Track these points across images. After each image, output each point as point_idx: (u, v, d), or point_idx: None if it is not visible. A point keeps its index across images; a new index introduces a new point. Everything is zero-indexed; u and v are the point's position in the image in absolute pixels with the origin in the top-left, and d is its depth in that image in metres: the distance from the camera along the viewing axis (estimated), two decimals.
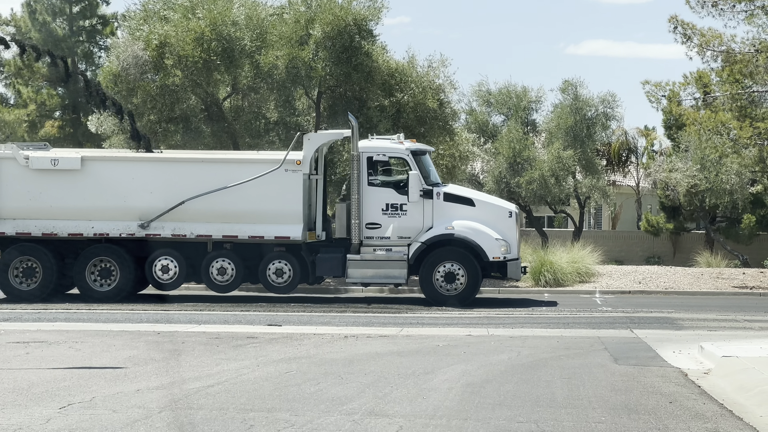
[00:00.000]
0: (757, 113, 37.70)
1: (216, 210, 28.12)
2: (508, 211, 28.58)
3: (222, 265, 28.43)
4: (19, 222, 28.52)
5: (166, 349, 18.67)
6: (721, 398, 13.97)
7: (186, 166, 28.65)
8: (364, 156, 28.17)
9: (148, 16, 35.29)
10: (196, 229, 28.28)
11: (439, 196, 28.17)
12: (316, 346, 19.18)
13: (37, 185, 28.44)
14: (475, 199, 28.72)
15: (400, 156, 28.31)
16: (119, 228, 28.39)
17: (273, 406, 13.12)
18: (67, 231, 28.47)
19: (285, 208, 28.02)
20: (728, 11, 35.43)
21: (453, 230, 27.98)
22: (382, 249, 28.07)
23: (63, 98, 52.08)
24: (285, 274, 28.39)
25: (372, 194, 28.14)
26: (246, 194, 28.01)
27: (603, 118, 48.56)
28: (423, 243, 27.95)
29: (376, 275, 28.16)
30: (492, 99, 49.92)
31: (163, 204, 28.19)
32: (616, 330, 22.14)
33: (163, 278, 28.56)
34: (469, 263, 27.96)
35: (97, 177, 28.46)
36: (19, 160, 28.42)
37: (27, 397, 13.59)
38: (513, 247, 28.16)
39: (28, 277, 28.69)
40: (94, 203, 28.34)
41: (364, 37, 34.19)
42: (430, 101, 35.03)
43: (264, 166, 28.14)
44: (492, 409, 13.04)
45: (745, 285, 34.50)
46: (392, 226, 28.06)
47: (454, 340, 20.16)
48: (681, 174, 47.80)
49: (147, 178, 28.48)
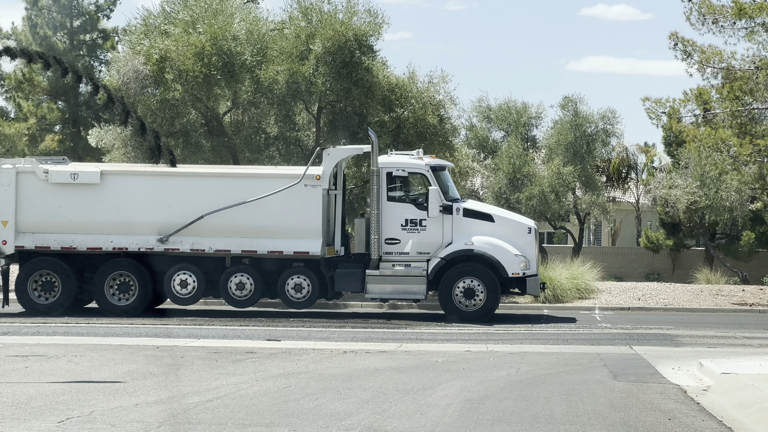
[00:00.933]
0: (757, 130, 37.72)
1: (235, 225, 28.10)
2: (527, 227, 28.58)
3: (241, 280, 28.38)
4: (38, 236, 28.49)
5: (165, 363, 18.66)
6: (720, 415, 13.96)
7: (205, 181, 28.67)
8: (383, 171, 28.14)
9: (148, 30, 35.34)
10: (215, 243, 28.25)
11: (459, 212, 28.14)
12: (315, 361, 19.18)
13: (56, 199, 28.43)
14: (495, 215, 28.72)
15: (420, 171, 28.30)
16: (138, 242, 28.36)
17: (272, 422, 13.11)
18: (86, 245, 28.44)
19: (304, 223, 27.98)
20: (728, 28, 35.48)
21: (473, 246, 27.93)
22: (401, 264, 28.00)
23: (63, 112, 52.11)
24: (304, 289, 28.32)
25: (391, 209, 28.10)
26: (265, 209, 27.98)
27: (603, 134, 48.60)
28: (442, 258, 27.90)
29: (395, 291, 28.09)
30: (492, 115, 49.96)
31: (182, 218, 28.16)
32: (616, 346, 22.13)
33: (181, 293, 28.50)
34: (488, 279, 27.92)
35: (116, 191, 28.47)
36: (39, 174, 28.43)
37: (26, 411, 13.57)
38: (532, 263, 28.14)
39: (47, 291, 28.65)
40: (113, 217, 28.32)
41: (365, 53, 34.24)
42: (431, 117, 35.05)
43: (283, 180, 28.14)
44: (491, 426, 13.03)
45: (744, 302, 34.49)
46: (411, 242, 28.01)
47: (453, 356, 20.15)
48: (681, 191, 47.82)
49: (166, 192, 28.47)
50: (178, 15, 35.23)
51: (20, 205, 28.47)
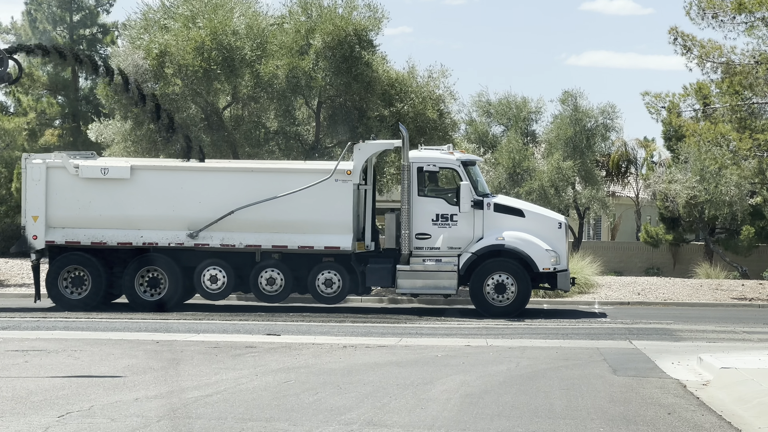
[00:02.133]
0: (757, 125, 37.70)
1: (265, 220, 28.09)
2: (557, 222, 28.60)
3: (271, 276, 28.40)
4: (68, 231, 28.53)
5: (165, 358, 18.67)
6: (720, 410, 13.97)
7: (235, 176, 28.64)
8: (414, 166, 28.15)
9: (148, 25, 35.33)
10: (245, 239, 28.24)
11: (489, 207, 28.17)
12: (315, 355, 19.18)
13: (86, 194, 28.45)
14: (525, 210, 28.71)
15: (451, 167, 28.32)
16: (168, 237, 28.35)
17: (271, 416, 13.12)
18: (116, 240, 28.43)
19: (335, 219, 28.00)
20: (728, 23, 35.46)
21: (503, 241, 27.96)
22: (432, 260, 28.01)
23: (63, 107, 52.10)
24: (334, 284, 28.34)
25: (422, 205, 28.13)
26: (296, 204, 27.99)
27: (603, 129, 48.59)
28: (473, 254, 27.91)
29: (426, 286, 28.09)
30: (492, 109, 49.96)
31: (212, 213, 28.16)
32: (615, 341, 22.14)
33: (211, 288, 28.52)
34: (519, 274, 27.95)
35: (146, 186, 28.48)
36: (69, 169, 28.44)
37: (26, 406, 13.58)
38: (562, 258, 28.19)
39: (77, 286, 28.67)
40: (143, 212, 28.33)
41: (365, 47, 34.23)
42: (430, 111, 35.03)
43: (314, 176, 28.13)
44: (490, 420, 13.03)
45: (744, 296, 34.50)
46: (442, 237, 28.03)
47: (453, 351, 20.16)
48: (680, 185, 47.77)
49: (196, 187, 28.47)
50: (178, 9, 35.21)
51: (50, 200, 28.50)
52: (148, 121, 33.33)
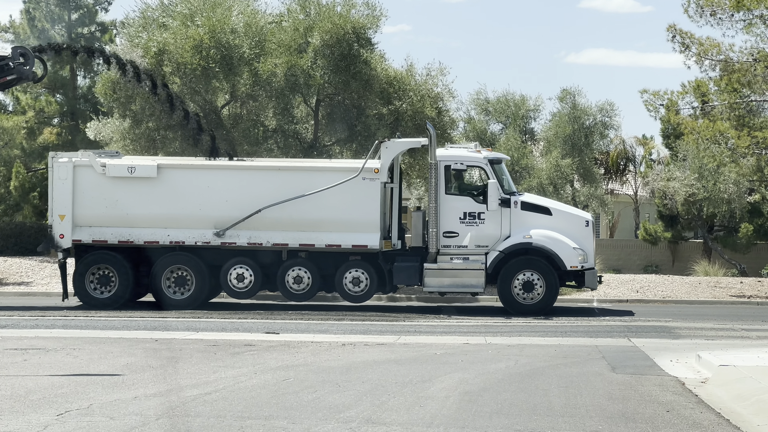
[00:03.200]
0: (755, 122, 37.74)
1: (292, 218, 28.08)
2: (585, 220, 28.63)
3: (298, 274, 28.38)
4: (95, 229, 28.52)
5: (164, 356, 18.67)
6: (719, 407, 13.97)
7: (262, 174, 28.61)
8: (441, 165, 28.15)
9: (147, 23, 35.32)
10: (273, 237, 28.23)
11: (517, 205, 28.18)
12: (314, 353, 19.19)
13: (113, 193, 28.44)
14: (552, 208, 28.73)
15: (479, 165, 28.34)
16: (195, 236, 28.36)
17: (270, 414, 13.12)
18: (143, 239, 28.44)
19: (362, 217, 27.99)
20: (726, 20, 35.49)
21: (531, 239, 27.99)
22: (459, 258, 28.03)
23: (61, 105, 52.02)
24: (362, 283, 28.36)
25: (449, 203, 28.13)
26: (323, 202, 27.99)
27: (601, 126, 48.59)
28: (501, 252, 27.94)
29: (453, 284, 28.09)
30: (490, 107, 49.95)
31: (239, 212, 28.16)
32: (614, 339, 22.15)
33: (238, 287, 28.51)
34: (547, 272, 27.96)
35: (173, 185, 28.47)
36: (96, 168, 28.43)
37: (24, 404, 13.58)
38: (590, 256, 28.22)
39: (104, 285, 28.69)
40: (170, 211, 28.33)
41: (363, 45, 34.25)
42: (429, 109, 35.03)
43: (341, 174, 28.12)
44: (489, 418, 13.04)
45: (742, 294, 34.50)
46: (469, 235, 28.04)
47: (452, 349, 20.16)
48: (679, 183, 47.79)
49: (222, 186, 28.47)
50: (177, 8, 35.21)
51: (77, 198, 28.50)
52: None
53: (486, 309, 29.57)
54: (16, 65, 29.11)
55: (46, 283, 35.26)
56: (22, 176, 49.32)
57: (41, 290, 34.11)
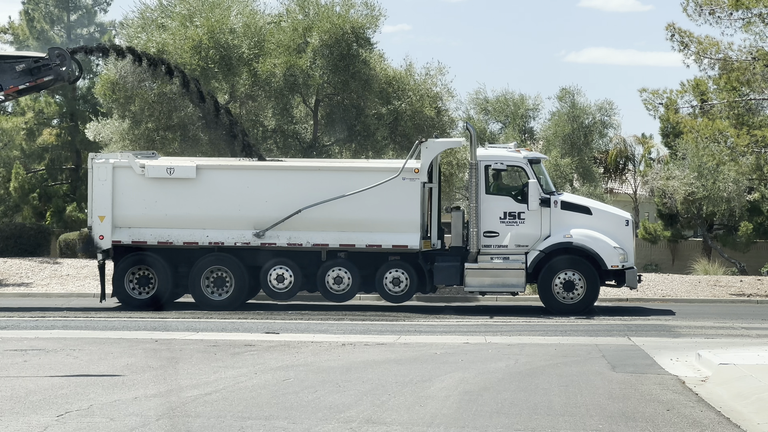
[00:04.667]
0: (755, 121, 37.71)
1: (332, 218, 28.07)
2: (624, 220, 28.65)
3: (338, 274, 28.38)
4: (135, 230, 28.51)
5: (164, 356, 18.67)
6: (719, 406, 13.97)
7: (301, 175, 28.61)
8: (482, 165, 28.18)
9: (145, 24, 35.33)
10: (313, 237, 28.22)
11: (557, 205, 28.20)
12: (314, 353, 19.19)
13: (152, 194, 28.43)
14: (592, 208, 28.76)
15: (519, 165, 28.34)
16: (234, 237, 28.34)
17: (270, 414, 13.12)
18: (182, 240, 28.43)
19: (402, 217, 27.99)
20: (725, 19, 35.46)
21: (572, 238, 28.01)
22: (500, 257, 28.05)
23: (61, 106, 52.01)
24: (402, 283, 28.35)
25: (490, 203, 28.15)
26: (363, 203, 27.98)
27: (600, 125, 48.53)
28: (541, 251, 27.98)
29: (493, 283, 28.09)
30: (489, 107, 49.92)
31: (278, 213, 28.13)
32: (614, 338, 22.16)
33: (278, 287, 28.49)
34: (587, 272, 28.00)
35: (212, 185, 28.46)
36: (135, 169, 28.42)
37: (24, 405, 13.58)
38: (630, 255, 28.24)
39: (143, 286, 28.71)
40: (209, 212, 28.32)
41: (362, 45, 34.27)
42: (428, 109, 35.04)
43: (381, 174, 28.11)
44: (489, 417, 13.04)
45: (742, 292, 34.51)
46: (510, 235, 28.06)
47: (452, 348, 20.16)
48: (678, 182, 47.81)
49: (262, 186, 28.44)
50: (175, 8, 35.22)
51: (116, 200, 28.48)
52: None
53: (486, 309, 29.56)
54: (54, 66, 29.22)
55: (45, 284, 35.24)
56: (21, 177, 49.34)
57: (41, 291, 34.10)
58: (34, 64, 29.30)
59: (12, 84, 29.09)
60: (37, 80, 29.40)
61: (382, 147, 35.34)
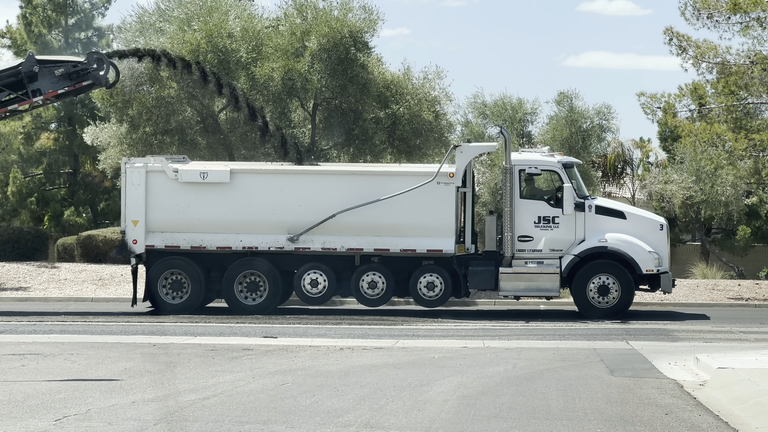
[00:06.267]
0: (752, 125, 37.76)
1: (366, 223, 28.04)
2: (659, 224, 28.60)
3: (373, 279, 28.29)
4: (168, 235, 28.41)
5: (162, 361, 18.66)
6: (717, 410, 13.97)
7: (335, 179, 28.58)
8: (516, 169, 28.15)
9: (143, 28, 35.34)
10: (347, 242, 28.16)
11: (591, 209, 28.14)
12: (312, 358, 19.18)
13: (185, 198, 28.34)
14: (626, 212, 28.72)
15: (553, 169, 28.35)
16: (268, 241, 28.27)
17: (269, 419, 13.12)
18: (215, 244, 28.35)
19: (437, 221, 27.94)
20: (723, 23, 35.52)
21: (606, 243, 27.95)
22: (534, 262, 28.01)
23: (59, 110, 51.94)
24: (436, 287, 28.26)
25: (524, 207, 28.11)
26: (398, 207, 27.92)
27: (598, 129, 48.44)
28: (576, 255, 27.93)
29: (528, 288, 28.06)
30: (487, 111, 49.86)
31: (312, 217, 28.07)
32: (612, 341, 22.15)
33: (312, 292, 28.39)
34: (622, 276, 27.95)
35: (246, 190, 28.36)
36: (168, 174, 28.33)
37: (22, 410, 13.57)
38: (664, 259, 28.21)
39: (176, 291, 28.59)
40: (242, 216, 28.23)
41: (360, 49, 34.28)
42: (426, 113, 35.06)
43: (415, 178, 28.05)
44: (488, 422, 13.04)
45: (740, 296, 34.50)
46: (544, 239, 28.00)
47: (450, 352, 20.16)
48: (676, 186, 47.78)
49: (296, 190, 28.36)
50: (173, 12, 35.22)
51: (150, 204, 28.37)
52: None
53: (483, 313, 29.54)
54: (92, 71, 29.26)
55: (43, 289, 35.22)
56: (19, 181, 49.33)
57: (39, 295, 34.07)
58: (72, 68, 29.35)
59: (51, 88, 29.16)
60: (75, 85, 29.46)
61: (380, 151, 35.36)
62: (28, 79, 29.11)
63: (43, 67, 29.29)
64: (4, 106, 29.60)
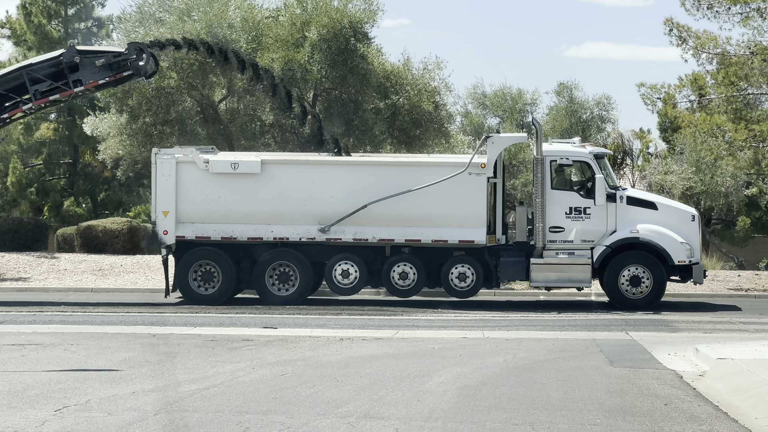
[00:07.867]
0: (752, 115, 37.76)
1: (398, 213, 28.03)
2: (690, 215, 28.62)
3: (404, 270, 28.29)
4: (198, 226, 28.40)
5: (162, 351, 18.67)
6: (717, 400, 13.98)
7: (367, 170, 28.50)
8: (547, 160, 28.16)
9: (143, 18, 35.28)
10: (378, 233, 28.16)
11: (622, 200, 28.17)
12: (312, 348, 19.18)
13: (216, 189, 28.33)
14: (658, 203, 28.72)
15: (584, 160, 28.35)
16: (299, 232, 28.26)
17: (268, 409, 13.12)
18: (246, 235, 28.34)
19: (469, 212, 27.93)
20: (723, 13, 35.51)
21: (638, 234, 27.96)
22: (565, 252, 28.01)
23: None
24: (468, 278, 28.27)
25: (555, 198, 28.13)
26: (429, 198, 27.92)
27: (598, 120, 48.52)
28: (608, 246, 27.96)
29: (559, 279, 28.07)
30: (487, 101, 49.90)
31: (343, 208, 28.07)
32: (612, 332, 22.16)
33: (343, 283, 28.41)
34: (654, 267, 27.97)
35: (277, 181, 28.33)
36: (199, 164, 28.30)
37: (22, 400, 13.58)
38: (696, 250, 28.23)
39: (207, 281, 28.58)
40: (273, 207, 28.22)
41: (360, 40, 34.24)
42: (426, 104, 35.04)
43: (447, 169, 28.04)
44: (487, 412, 13.04)
45: (740, 287, 34.53)
46: (575, 230, 28.03)
47: (450, 343, 20.16)
48: (676, 176, 47.76)
49: (327, 181, 28.36)
50: (173, 3, 35.17)
51: (180, 195, 28.36)
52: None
53: (483, 303, 29.55)
54: (132, 62, 29.25)
55: (43, 279, 35.25)
56: (19, 172, 49.34)
57: (39, 286, 34.10)
58: (113, 59, 29.37)
59: (92, 79, 29.20)
60: (116, 75, 29.49)
61: (379, 141, 35.33)
62: (69, 70, 29.14)
63: (84, 57, 29.29)
64: (45, 96, 29.62)
